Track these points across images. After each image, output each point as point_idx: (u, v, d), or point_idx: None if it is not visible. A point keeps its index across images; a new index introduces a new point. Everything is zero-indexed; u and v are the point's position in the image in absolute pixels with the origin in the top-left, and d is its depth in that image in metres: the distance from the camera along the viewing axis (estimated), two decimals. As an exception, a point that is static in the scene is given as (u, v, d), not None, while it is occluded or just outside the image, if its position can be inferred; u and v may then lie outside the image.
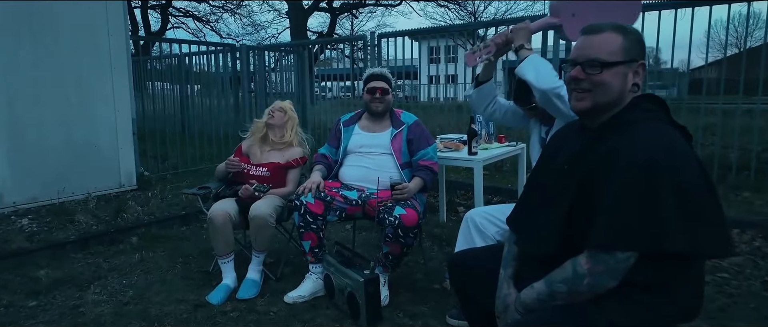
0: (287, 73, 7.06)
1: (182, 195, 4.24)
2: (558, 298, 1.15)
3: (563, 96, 1.76)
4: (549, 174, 1.32)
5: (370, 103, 2.56)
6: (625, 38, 1.17)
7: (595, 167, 1.14)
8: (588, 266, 1.11)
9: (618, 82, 1.16)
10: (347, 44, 11.36)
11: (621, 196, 1.07)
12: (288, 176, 2.82)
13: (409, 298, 2.45)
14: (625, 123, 1.17)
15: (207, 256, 3.05)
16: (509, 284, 1.37)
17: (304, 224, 2.39)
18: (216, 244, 2.53)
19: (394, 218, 2.21)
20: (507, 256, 1.42)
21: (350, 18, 21.05)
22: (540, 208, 1.30)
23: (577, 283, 1.13)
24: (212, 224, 2.47)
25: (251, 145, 2.89)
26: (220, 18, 20.14)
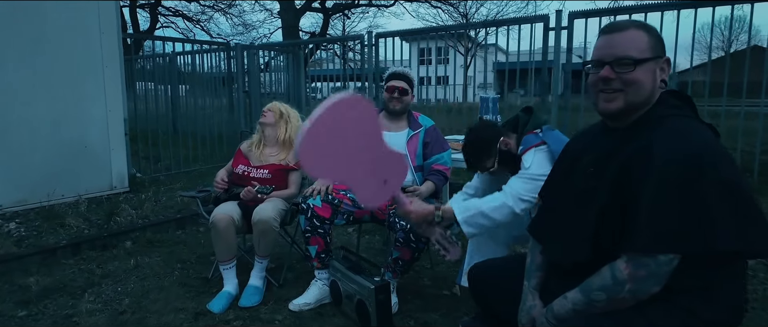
0: (278, 74, 6.95)
1: (178, 197, 4.12)
2: (597, 306, 1.08)
3: (526, 196, 1.66)
4: (573, 178, 1.25)
5: (389, 101, 2.49)
6: (649, 35, 1.13)
7: (627, 166, 1.07)
8: (628, 271, 1.04)
9: (649, 79, 1.12)
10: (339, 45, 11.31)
11: (662, 195, 1.00)
12: (289, 178, 2.72)
13: (419, 304, 2.37)
14: (656, 119, 1.11)
15: (205, 262, 2.94)
16: (534, 296, 1.30)
17: (311, 228, 2.29)
18: (218, 250, 2.43)
19: (406, 222, 2.13)
20: (530, 266, 1.36)
21: (342, 19, 20.96)
22: (566, 214, 1.23)
23: (617, 290, 1.05)
24: (215, 228, 2.37)
25: (251, 147, 2.79)
26: (210, 18, 19.88)
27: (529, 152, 1.75)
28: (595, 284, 1.08)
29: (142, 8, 19.08)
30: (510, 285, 1.42)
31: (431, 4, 16.61)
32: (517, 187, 1.69)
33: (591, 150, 1.24)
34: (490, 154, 1.83)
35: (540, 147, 1.74)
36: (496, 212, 1.67)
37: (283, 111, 2.77)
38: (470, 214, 1.68)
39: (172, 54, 6.63)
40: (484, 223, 1.68)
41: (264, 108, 2.80)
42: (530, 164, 1.72)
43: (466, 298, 2.43)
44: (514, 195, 1.68)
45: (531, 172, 1.70)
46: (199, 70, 6.38)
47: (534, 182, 1.66)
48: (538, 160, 1.71)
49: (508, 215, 1.67)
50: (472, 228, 1.69)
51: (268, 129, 2.74)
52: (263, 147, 2.77)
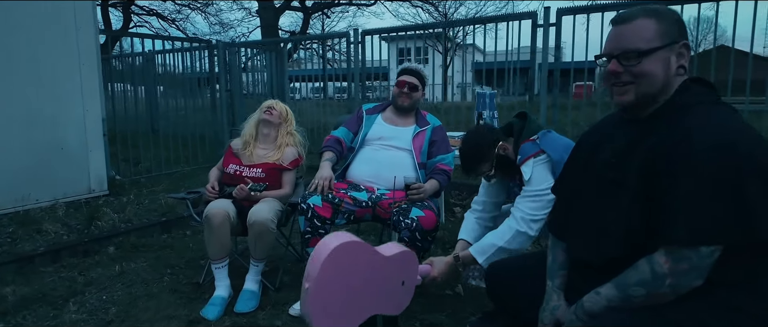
0: (260, 73, 6.79)
1: (161, 200, 3.95)
2: (634, 302, 1.03)
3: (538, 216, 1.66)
4: (591, 171, 1.20)
5: (398, 96, 2.45)
6: (659, 21, 1.08)
7: (657, 157, 1.02)
8: (669, 265, 0.99)
9: (661, 68, 1.08)
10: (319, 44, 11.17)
11: (700, 185, 0.96)
12: (283, 178, 2.62)
13: (423, 305, 2.30)
14: (682, 107, 1.06)
15: (195, 266, 2.81)
16: (559, 295, 1.25)
17: (311, 229, 2.20)
18: (211, 247, 2.30)
19: (412, 220, 2.06)
20: (552, 265, 1.30)
21: (322, 18, 20.77)
22: (590, 209, 1.18)
23: (657, 285, 1.01)
24: (209, 224, 2.24)
25: (242, 146, 2.68)
26: (187, 17, 19.42)
27: (528, 163, 1.70)
28: (632, 279, 1.03)
29: (114, 7, 18.51)
30: (530, 284, 1.36)
31: (412, 4, 16.61)
32: (525, 209, 1.67)
33: (610, 141, 1.19)
34: (487, 159, 1.80)
35: (539, 157, 1.70)
36: (513, 243, 1.67)
37: (288, 114, 2.68)
38: (490, 254, 1.69)
39: (149, 53, 6.41)
40: (501, 254, 1.68)
41: (267, 104, 2.68)
42: (530, 177, 1.68)
43: (470, 297, 2.38)
44: (526, 219, 1.66)
45: (534, 188, 1.67)
46: (179, 69, 6.18)
47: (541, 200, 1.64)
48: (539, 173, 1.68)
49: (526, 241, 1.67)
50: (489, 262, 1.68)
51: (269, 127, 2.63)
52: (256, 145, 2.66)
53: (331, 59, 11.51)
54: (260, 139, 2.67)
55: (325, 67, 7.96)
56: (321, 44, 10.12)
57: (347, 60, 5.99)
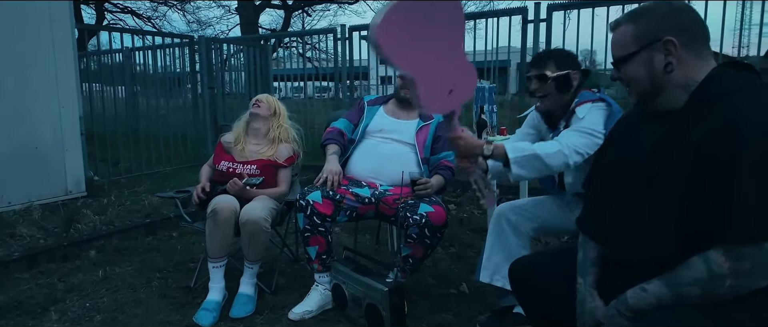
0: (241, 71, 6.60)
1: (145, 200, 3.77)
2: (688, 301, 0.96)
3: (582, 149, 1.60)
4: (625, 167, 1.13)
5: (401, 88, 2.36)
6: (636, 24, 1.09)
7: (705, 148, 0.95)
8: (728, 265, 0.92)
9: (643, 71, 1.09)
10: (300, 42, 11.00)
11: (758, 175, 0.89)
12: (279, 176, 2.50)
13: (428, 306, 2.22)
14: (719, 95, 1.00)
15: (185, 270, 2.67)
16: (593, 295, 1.18)
17: (311, 227, 2.09)
18: (211, 243, 2.17)
19: (420, 216, 1.97)
20: (584, 262, 1.23)
21: (302, 16, 20.51)
22: (628, 207, 1.11)
23: (715, 286, 0.94)
24: (215, 218, 2.11)
25: (234, 142, 2.55)
26: (164, 15, 18.92)
27: (585, 106, 1.70)
28: (687, 278, 0.96)
29: (86, 3, 17.90)
30: (557, 282, 1.29)
31: (394, 3, 16.57)
32: (572, 139, 1.62)
33: (643, 135, 1.13)
34: (563, 66, 1.73)
35: (597, 103, 1.70)
36: (551, 158, 1.58)
37: (276, 105, 2.57)
38: (523, 155, 1.56)
39: (128, 50, 6.18)
40: (537, 165, 1.57)
41: (256, 97, 2.58)
42: (585, 116, 1.66)
43: (476, 295, 2.31)
44: (570, 146, 1.59)
45: (585, 125, 1.63)
46: (159, 66, 5.95)
47: (589, 137, 1.59)
48: (594, 115, 1.65)
49: (562, 165, 1.59)
50: (523, 170, 1.56)
51: (258, 121, 2.51)
52: (247, 141, 2.54)
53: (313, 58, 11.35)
54: (251, 133, 2.55)
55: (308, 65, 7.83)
56: (302, 42, 9.99)
57: (334, 57, 5.86)
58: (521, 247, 1.90)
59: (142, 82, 6.26)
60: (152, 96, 6.10)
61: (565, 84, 1.76)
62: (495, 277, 1.92)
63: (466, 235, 3.19)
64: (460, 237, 3.14)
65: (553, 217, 1.93)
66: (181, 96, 6.20)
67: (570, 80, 1.76)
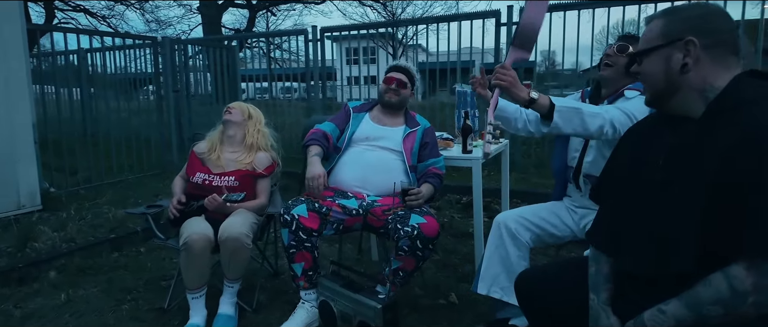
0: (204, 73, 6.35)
1: (108, 214, 3.54)
2: (709, 324, 0.93)
3: (618, 123, 1.59)
4: (644, 175, 1.10)
5: (385, 93, 2.29)
6: (666, 20, 1.07)
7: (731, 159, 0.92)
8: (752, 280, 0.88)
9: (658, 67, 1.07)
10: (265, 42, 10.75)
11: None
12: (258, 186, 2.37)
13: (418, 318, 2.16)
14: (742, 104, 0.97)
15: (156, 289, 2.50)
16: (607, 313, 1.13)
17: (296, 243, 1.99)
18: (189, 276, 2.03)
19: (412, 228, 1.90)
20: (596, 278, 1.19)
21: (266, 15, 20.09)
22: (646, 221, 1.07)
23: (738, 304, 0.90)
24: (188, 251, 1.97)
25: (208, 151, 2.40)
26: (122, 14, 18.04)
27: (636, 92, 1.73)
28: (707, 297, 0.92)
29: (33, 1, 16.87)
30: (566, 296, 1.25)
31: (362, 3, 16.48)
32: (613, 112, 1.63)
33: (658, 143, 1.10)
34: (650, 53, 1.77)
35: None
36: (591, 118, 1.59)
37: (251, 112, 2.45)
38: (566, 106, 1.59)
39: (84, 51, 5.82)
40: (576, 121, 1.58)
41: (228, 105, 2.45)
42: (632, 99, 1.70)
43: (466, 305, 2.26)
44: (609, 117, 1.60)
45: (629, 107, 1.64)
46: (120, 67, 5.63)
47: (628, 118, 1.60)
48: (640, 104, 1.62)
49: (598, 129, 1.59)
50: (561, 120, 1.58)
51: (232, 128, 2.38)
52: (223, 149, 2.40)
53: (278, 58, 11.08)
54: (226, 141, 2.42)
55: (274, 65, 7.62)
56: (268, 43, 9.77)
57: (306, 58, 5.73)
58: (521, 258, 1.86)
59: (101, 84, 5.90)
60: (112, 98, 5.77)
61: (627, 68, 1.74)
62: (492, 289, 1.87)
63: (448, 241, 3.14)
64: (443, 243, 3.09)
65: (551, 225, 1.90)
66: (142, 99, 5.89)
67: (631, 68, 1.78)
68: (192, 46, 6.12)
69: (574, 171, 1.91)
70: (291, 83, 7.92)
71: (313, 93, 5.78)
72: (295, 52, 6.73)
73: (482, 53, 5.01)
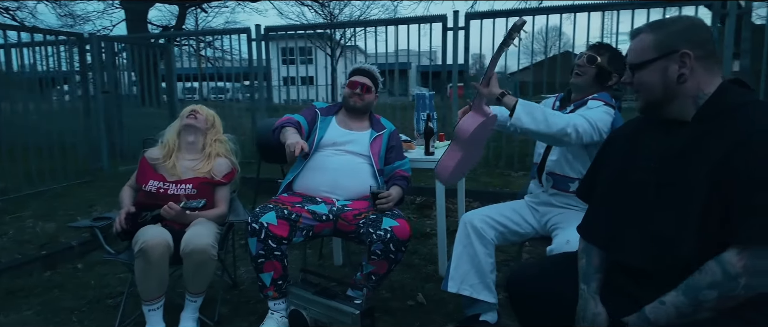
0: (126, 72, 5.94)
1: (35, 228, 3.20)
2: (705, 307, 1.01)
3: (581, 129, 1.69)
4: (638, 175, 1.18)
5: (349, 97, 2.25)
6: (656, 34, 1.16)
7: (727, 158, 1.01)
8: (743, 263, 0.97)
9: (656, 78, 1.15)
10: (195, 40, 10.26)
11: None
12: (217, 195, 2.26)
13: (390, 321, 2.17)
14: (732, 109, 1.08)
15: (103, 308, 2.31)
16: (596, 301, 1.21)
17: (266, 252, 1.92)
18: (145, 286, 1.89)
19: (385, 232, 1.90)
20: (587, 269, 1.26)
21: (195, 12, 19.13)
22: (646, 217, 1.14)
23: (731, 286, 0.98)
24: (146, 258, 1.82)
25: (163, 158, 2.25)
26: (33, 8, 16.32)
27: (599, 103, 1.82)
28: (703, 282, 1.01)
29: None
30: (555, 292, 1.30)
31: (303, 3, 16.22)
32: (576, 118, 1.72)
33: (652, 145, 1.19)
34: (616, 66, 1.87)
35: (609, 108, 1.81)
36: (554, 117, 1.69)
37: (214, 117, 2.34)
38: (530, 106, 1.69)
39: None
40: (537, 116, 1.67)
41: (191, 108, 2.32)
42: (594, 109, 1.79)
43: (434, 305, 2.31)
44: (573, 121, 1.69)
45: (591, 116, 1.74)
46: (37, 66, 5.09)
47: (589, 126, 1.70)
48: (601, 115, 1.77)
49: (560, 130, 1.67)
50: (525, 113, 1.67)
51: (194, 133, 2.25)
52: (180, 156, 2.27)
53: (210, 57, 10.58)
54: (185, 148, 2.28)
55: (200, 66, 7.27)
56: (198, 40, 9.34)
57: (249, 59, 5.54)
58: (487, 256, 1.93)
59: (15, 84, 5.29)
60: (26, 100, 5.20)
61: (604, 78, 1.88)
62: (462, 287, 1.92)
63: (409, 242, 3.17)
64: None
65: (514, 223, 1.98)
66: (57, 99, 5.38)
67: (609, 78, 1.88)
68: (125, 45, 5.70)
69: (538, 167, 2.02)
70: (224, 83, 7.60)
71: (257, 94, 5.60)
72: (229, 50, 6.46)
73: (418, 55, 5.12)
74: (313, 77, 7.15)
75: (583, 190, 1.41)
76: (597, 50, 1.89)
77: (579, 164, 1.88)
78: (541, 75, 4.84)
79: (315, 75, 6.65)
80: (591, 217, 1.32)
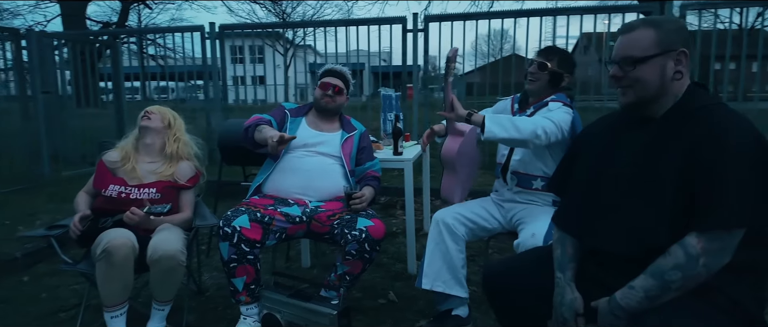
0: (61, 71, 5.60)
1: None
2: (671, 288, 1.10)
3: (548, 130, 1.77)
4: (613, 169, 1.26)
5: (321, 98, 2.23)
6: (657, 31, 1.19)
7: (695, 152, 1.11)
8: (702, 245, 1.07)
9: (655, 74, 1.19)
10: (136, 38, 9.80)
11: (739, 174, 1.06)
12: (182, 199, 2.19)
13: (363, 321, 2.18)
14: (699, 109, 1.18)
15: (56, 322, 2.18)
16: (572, 288, 1.28)
17: (238, 257, 1.88)
18: (108, 290, 1.79)
19: (360, 232, 1.92)
20: (562, 258, 1.33)
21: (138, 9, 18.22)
22: (621, 207, 1.22)
23: (692, 267, 1.08)
24: (110, 260, 1.73)
25: (121, 161, 2.15)
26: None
27: (558, 104, 1.91)
28: (668, 265, 1.10)
29: None
30: (531, 284, 1.36)
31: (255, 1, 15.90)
32: (542, 121, 1.80)
33: (625, 141, 1.26)
34: (566, 68, 1.96)
35: (568, 109, 1.90)
36: (522, 122, 1.77)
37: (172, 118, 2.25)
38: (498, 119, 1.79)
39: None
40: (507, 125, 1.76)
41: (146, 109, 2.21)
42: (555, 110, 1.87)
43: (406, 302, 2.34)
44: (539, 124, 1.77)
45: (554, 117, 1.82)
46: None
47: (554, 127, 1.79)
48: (563, 115, 1.85)
49: (531, 133, 1.75)
50: (495, 126, 1.76)
51: (151, 135, 2.16)
52: (139, 159, 2.17)
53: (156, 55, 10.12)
54: (143, 150, 2.19)
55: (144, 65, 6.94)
56: (140, 39, 8.96)
57: (203, 57, 5.37)
58: (459, 251, 1.99)
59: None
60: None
61: (556, 81, 1.96)
62: (436, 283, 1.97)
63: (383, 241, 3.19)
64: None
65: (483, 219, 2.05)
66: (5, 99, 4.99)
67: (562, 80, 1.97)
68: (68, 42, 5.35)
69: (502, 167, 2.10)
70: (167, 83, 7.29)
71: (212, 94, 5.43)
72: (174, 49, 6.18)
73: (368, 56, 5.15)
74: (264, 77, 6.94)
75: (555, 184, 1.48)
76: (546, 56, 1.97)
77: (541, 163, 1.98)
78: (489, 77, 5.01)
79: (264, 74, 6.48)
80: (566, 208, 1.39)
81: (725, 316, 1.09)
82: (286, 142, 1.95)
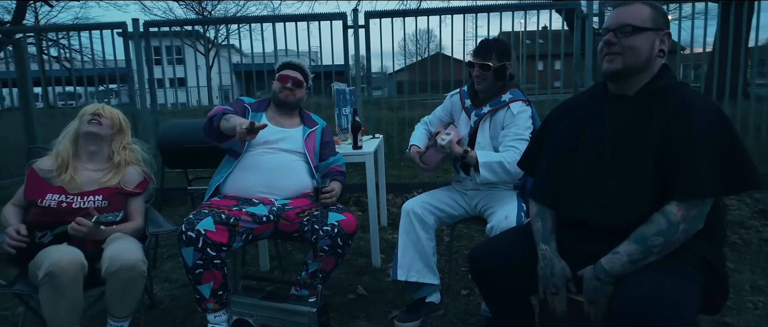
0: None
1: None
2: (653, 252, 1.19)
3: None
4: (588, 144, 1.34)
5: (280, 91, 2.16)
6: (652, 10, 1.31)
7: (669, 127, 1.21)
8: (681, 213, 1.18)
9: (647, 46, 1.28)
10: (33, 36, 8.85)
11: (713, 145, 1.17)
12: (131, 206, 2.01)
13: (335, 317, 2.14)
14: (670, 87, 1.29)
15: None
16: (558, 258, 1.35)
17: (204, 262, 1.77)
18: (58, 314, 1.60)
19: (332, 227, 1.88)
20: (544, 231, 1.40)
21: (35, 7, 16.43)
22: (601, 180, 1.29)
23: (672, 232, 1.18)
24: (55, 283, 1.55)
25: (57, 170, 1.93)
26: None
27: (519, 103, 1.99)
28: (651, 231, 1.19)
29: None
30: (512, 262, 1.42)
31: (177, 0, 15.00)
32: (519, 147, 1.88)
33: (601, 117, 1.34)
34: (502, 59, 1.99)
35: (527, 107, 1.99)
36: (507, 164, 1.88)
37: (123, 123, 2.06)
38: (490, 160, 1.90)
39: None
40: (499, 171, 1.90)
41: (93, 109, 2.00)
42: (518, 114, 1.97)
43: (375, 295, 2.35)
44: (519, 154, 1.81)
45: (520, 131, 1.94)
46: None
47: (525, 142, 1.88)
48: (525, 119, 1.97)
49: (517, 173, 1.85)
50: (488, 172, 1.90)
51: (96, 142, 1.97)
52: (79, 167, 1.97)
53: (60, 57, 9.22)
54: (85, 157, 1.99)
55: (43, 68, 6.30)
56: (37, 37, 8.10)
57: (126, 58, 4.98)
58: (429, 240, 2.02)
59: None
60: None
61: (502, 73, 2.01)
62: (410, 274, 1.99)
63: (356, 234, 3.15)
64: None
65: (449, 207, 2.10)
66: None
67: (506, 70, 2.01)
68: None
69: (461, 163, 2.14)
70: (74, 88, 6.68)
71: (130, 98, 5.05)
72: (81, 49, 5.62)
73: (297, 55, 5.07)
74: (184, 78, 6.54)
75: (526, 163, 1.56)
76: (484, 56, 1.99)
77: None
78: (417, 75, 5.15)
79: (185, 76, 6.06)
80: (541, 183, 1.46)
81: (697, 271, 1.21)
82: (256, 131, 1.82)
